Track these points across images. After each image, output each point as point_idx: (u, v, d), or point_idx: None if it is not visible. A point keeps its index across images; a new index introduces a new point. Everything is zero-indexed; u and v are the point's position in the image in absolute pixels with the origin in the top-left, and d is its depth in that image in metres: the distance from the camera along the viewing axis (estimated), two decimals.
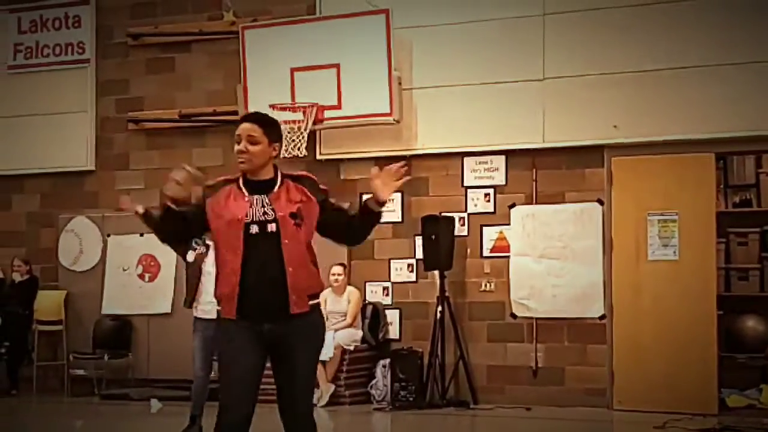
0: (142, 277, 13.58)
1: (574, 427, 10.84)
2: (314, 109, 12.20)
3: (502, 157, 12.00)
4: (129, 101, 13.88)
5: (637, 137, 11.38)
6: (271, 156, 5.48)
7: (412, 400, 11.68)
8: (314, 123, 12.27)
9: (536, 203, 11.84)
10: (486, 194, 12.04)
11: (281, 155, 12.23)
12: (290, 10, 12.90)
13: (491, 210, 12.01)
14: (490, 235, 11.99)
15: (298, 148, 12.19)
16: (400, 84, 12.14)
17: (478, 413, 11.39)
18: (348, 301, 12.14)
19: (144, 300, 13.50)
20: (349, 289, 12.22)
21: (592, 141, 11.56)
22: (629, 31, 11.45)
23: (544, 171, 11.83)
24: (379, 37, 12.04)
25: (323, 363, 11.74)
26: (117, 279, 13.69)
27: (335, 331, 11.95)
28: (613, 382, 11.40)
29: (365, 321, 12.20)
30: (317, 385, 11.78)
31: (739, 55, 11.02)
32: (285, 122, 12.21)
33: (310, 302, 5.39)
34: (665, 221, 11.28)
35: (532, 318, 11.77)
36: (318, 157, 12.70)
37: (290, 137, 12.19)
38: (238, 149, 5.40)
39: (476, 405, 11.69)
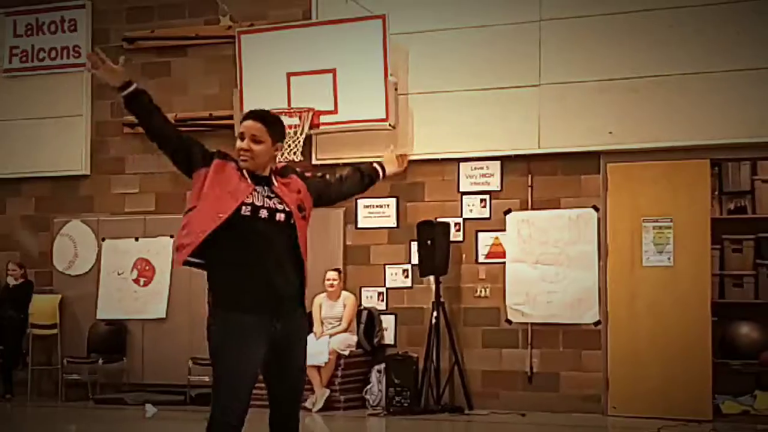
0: (137, 281, 13.57)
1: None
2: (310, 114, 12.22)
3: (498, 163, 12.02)
4: None
5: (632, 143, 11.40)
6: (273, 155, 5.32)
7: (406, 406, 11.68)
8: (310, 128, 12.28)
9: (532, 209, 11.85)
10: (482, 200, 12.05)
11: (277, 160, 12.29)
12: (286, 15, 12.92)
13: (487, 216, 12.02)
14: (485, 240, 12.00)
15: (294, 153, 12.20)
16: (396, 89, 12.15)
17: (473, 419, 11.39)
18: (343, 306, 12.14)
19: (139, 304, 13.49)
20: (344, 294, 12.22)
21: (587, 147, 11.57)
22: (625, 38, 11.47)
23: (539, 177, 11.84)
24: (375, 43, 12.05)
25: (318, 368, 11.75)
26: (112, 283, 13.67)
27: (330, 336, 11.95)
28: (607, 388, 11.41)
29: (360, 326, 12.20)
30: (312, 390, 11.80)
31: (735, 62, 11.04)
32: None
33: None
34: (660, 227, 11.29)
35: (527, 324, 11.78)
36: (314, 161, 12.70)
37: (286, 142, 12.18)
38: (241, 147, 5.24)
39: (471, 410, 11.69)
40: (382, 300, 12.48)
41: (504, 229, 11.92)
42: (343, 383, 11.97)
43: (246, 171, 5.25)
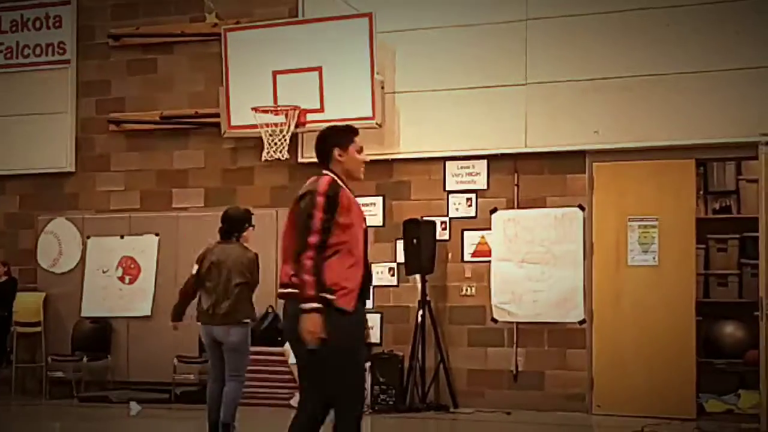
0: (122, 279, 13.53)
1: (554, 431, 10.86)
2: (296, 112, 12.20)
3: (484, 162, 12.03)
4: (110, 102, 13.83)
5: (618, 143, 11.42)
6: None
7: (392, 404, 11.68)
8: (296, 126, 12.26)
9: (518, 208, 11.86)
10: (468, 199, 12.06)
11: (262, 158, 12.31)
12: (273, 12, 12.90)
13: (473, 214, 12.03)
14: (471, 239, 12.01)
15: (280, 151, 12.18)
16: (382, 88, 12.14)
17: (458, 417, 11.39)
18: None
19: (124, 302, 13.45)
20: None
21: (573, 146, 11.59)
22: (611, 38, 11.49)
23: (525, 176, 11.86)
24: (361, 41, 12.04)
25: None
26: (96, 281, 13.64)
27: None
28: (592, 387, 11.43)
29: None
30: (296, 387, 11.79)
31: (720, 62, 11.07)
32: (267, 125, 12.23)
33: None
34: (645, 227, 11.32)
35: (512, 322, 11.79)
36: (300, 160, 12.68)
37: (272, 140, 12.19)
38: (365, 161, 5.97)
39: (456, 409, 11.70)
40: (368, 298, 12.44)
41: (490, 228, 11.93)
42: None
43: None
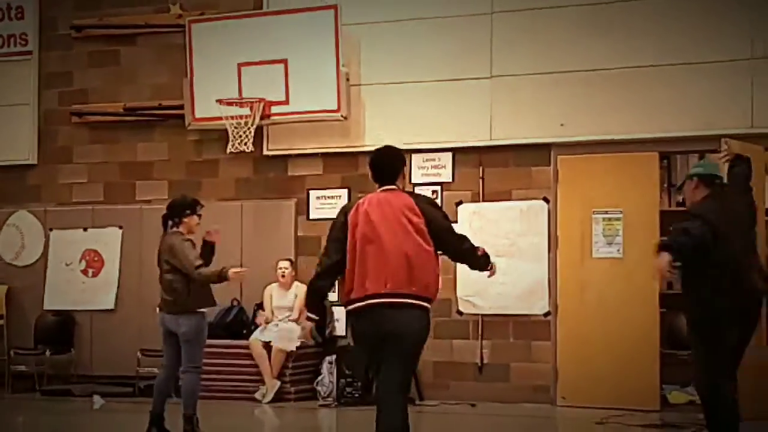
0: (85, 272, 13.45)
1: (519, 423, 10.91)
2: (261, 105, 12.16)
3: (450, 155, 12.04)
4: (73, 94, 13.73)
5: (583, 136, 11.47)
6: None
7: (357, 397, 11.68)
8: (261, 118, 12.22)
9: (483, 201, 11.88)
10: (433, 191, 12.04)
11: (227, 150, 12.27)
12: (237, 4, 12.85)
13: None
14: None
15: (245, 144, 12.15)
16: (348, 80, 12.12)
17: (424, 409, 11.40)
18: (294, 296, 12.10)
19: (87, 295, 13.37)
20: (296, 284, 12.18)
21: (538, 139, 11.63)
22: (577, 31, 11.53)
23: (491, 169, 11.88)
24: (327, 33, 12.02)
25: (269, 359, 11.78)
26: (59, 274, 13.54)
27: (297, 322, 11.84)
28: (557, 379, 11.48)
29: None
30: (262, 381, 11.78)
31: (685, 56, 11.14)
32: (232, 117, 12.18)
33: None
34: (610, 219, 11.37)
35: (477, 315, 11.82)
36: (265, 152, 12.67)
37: (237, 132, 12.15)
38: None
39: (422, 401, 11.71)
40: (334, 291, 12.41)
41: (455, 221, 11.84)
42: (294, 375, 11.94)
43: None
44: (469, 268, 6.96)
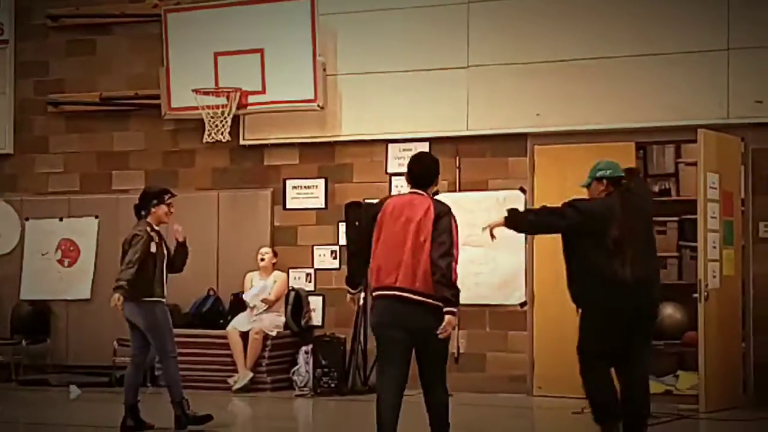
0: (61, 262, 13.41)
1: (495, 413, 10.93)
2: (238, 94, 12.13)
3: (426, 144, 12.01)
4: (49, 83, 13.68)
5: (559, 126, 11.48)
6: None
7: (334, 387, 11.68)
8: (238, 108, 12.20)
9: (459, 191, 11.88)
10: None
11: (204, 140, 12.24)
12: None
13: None
14: None
15: (222, 133, 12.12)
16: (324, 70, 12.11)
17: None
18: (274, 282, 12.12)
19: (63, 285, 13.34)
20: (275, 272, 12.20)
21: (515, 129, 11.64)
22: (553, 21, 11.54)
23: (467, 159, 11.89)
24: (303, 23, 12.00)
25: (245, 348, 11.80)
26: (35, 264, 13.51)
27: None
28: (533, 369, 11.50)
29: (288, 307, 12.16)
30: (236, 370, 11.78)
31: (661, 46, 11.16)
32: (208, 107, 12.16)
33: None
34: None
35: None
36: (241, 142, 12.65)
37: (213, 122, 12.12)
38: None
39: None
40: (310, 281, 12.47)
41: None
42: (270, 364, 11.94)
43: None
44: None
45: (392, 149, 12.16)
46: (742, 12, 10.95)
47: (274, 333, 11.95)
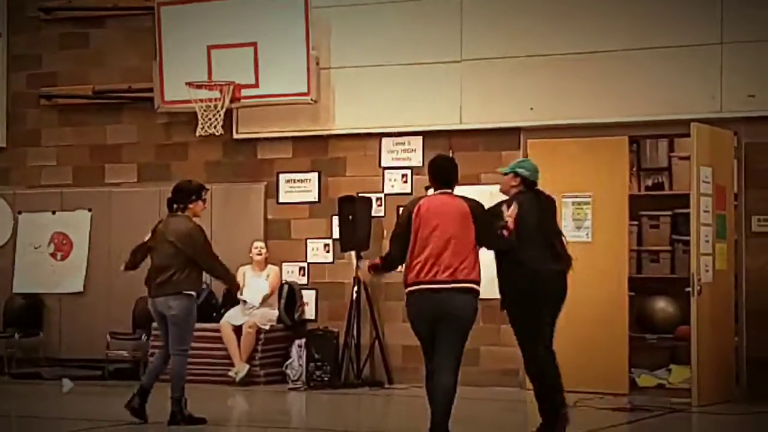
0: (54, 255, 13.40)
1: (489, 407, 10.93)
2: (231, 88, 12.12)
3: (420, 138, 12.04)
4: (41, 77, 13.65)
5: (552, 120, 11.49)
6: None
7: (327, 380, 11.69)
8: (231, 101, 12.19)
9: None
10: (403, 175, 12.08)
11: (197, 133, 12.23)
12: None
13: (408, 191, 12.02)
14: None
15: (215, 127, 12.12)
16: (318, 64, 12.10)
17: (393, 393, 11.43)
18: (267, 276, 12.13)
19: (56, 278, 13.34)
20: (269, 266, 12.21)
21: (508, 123, 11.65)
22: (547, 15, 11.54)
23: (460, 152, 11.84)
24: (297, 16, 11.99)
25: (239, 342, 11.79)
26: (28, 257, 13.50)
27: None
28: None
29: (281, 301, 12.16)
30: (232, 364, 11.77)
31: (654, 40, 11.16)
32: (201, 100, 12.14)
33: None
34: (579, 203, 11.40)
35: None
36: (235, 136, 12.64)
37: (206, 115, 12.11)
38: None
39: (391, 385, 11.74)
40: (303, 275, 12.47)
41: None
42: (263, 358, 11.94)
43: None
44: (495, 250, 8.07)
45: (385, 143, 12.17)
46: (734, 6, 10.97)
47: (267, 327, 11.96)
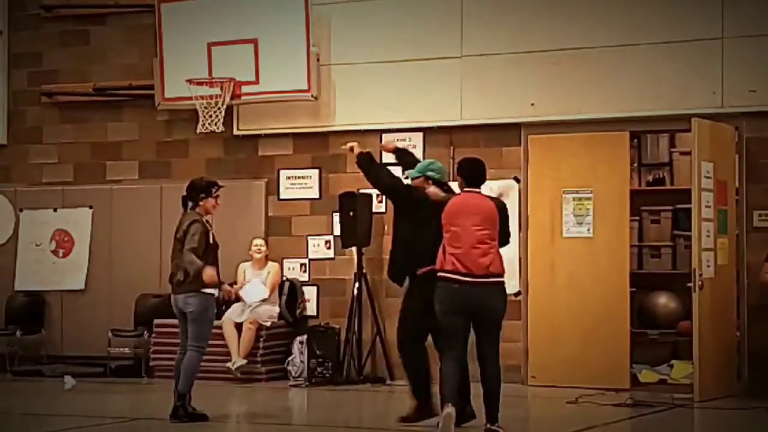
0: (55, 252, 13.40)
1: None
2: (231, 84, 12.13)
3: (420, 134, 12.04)
4: (42, 74, 13.65)
5: (553, 115, 11.49)
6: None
7: (328, 377, 11.69)
8: (232, 98, 12.20)
9: (453, 180, 11.84)
10: (404, 171, 12.05)
11: (197, 130, 12.23)
12: None
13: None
14: None
15: (215, 124, 12.12)
16: (318, 60, 12.10)
17: (395, 389, 11.41)
18: (268, 273, 12.12)
19: (57, 276, 13.33)
20: (269, 263, 12.20)
21: (509, 119, 11.64)
22: (547, 10, 11.53)
23: (461, 148, 11.86)
24: (297, 13, 12.00)
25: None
26: (30, 254, 13.49)
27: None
28: (527, 358, 11.52)
29: (282, 297, 12.17)
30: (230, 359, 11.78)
31: (654, 35, 11.16)
32: (202, 97, 12.14)
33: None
34: (580, 199, 11.40)
35: None
36: (235, 132, 12.64)
37: (207, 112, 12.11)
38: None
39: (393, 381, 11.73)
40: (305, 271, 12.47)
41: None
42: (264, 354, 11.94)
43: None
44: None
45: (386, 139, 12.13)
46: (735, 1, 10.97)
47: (268, 323, 11.96)
